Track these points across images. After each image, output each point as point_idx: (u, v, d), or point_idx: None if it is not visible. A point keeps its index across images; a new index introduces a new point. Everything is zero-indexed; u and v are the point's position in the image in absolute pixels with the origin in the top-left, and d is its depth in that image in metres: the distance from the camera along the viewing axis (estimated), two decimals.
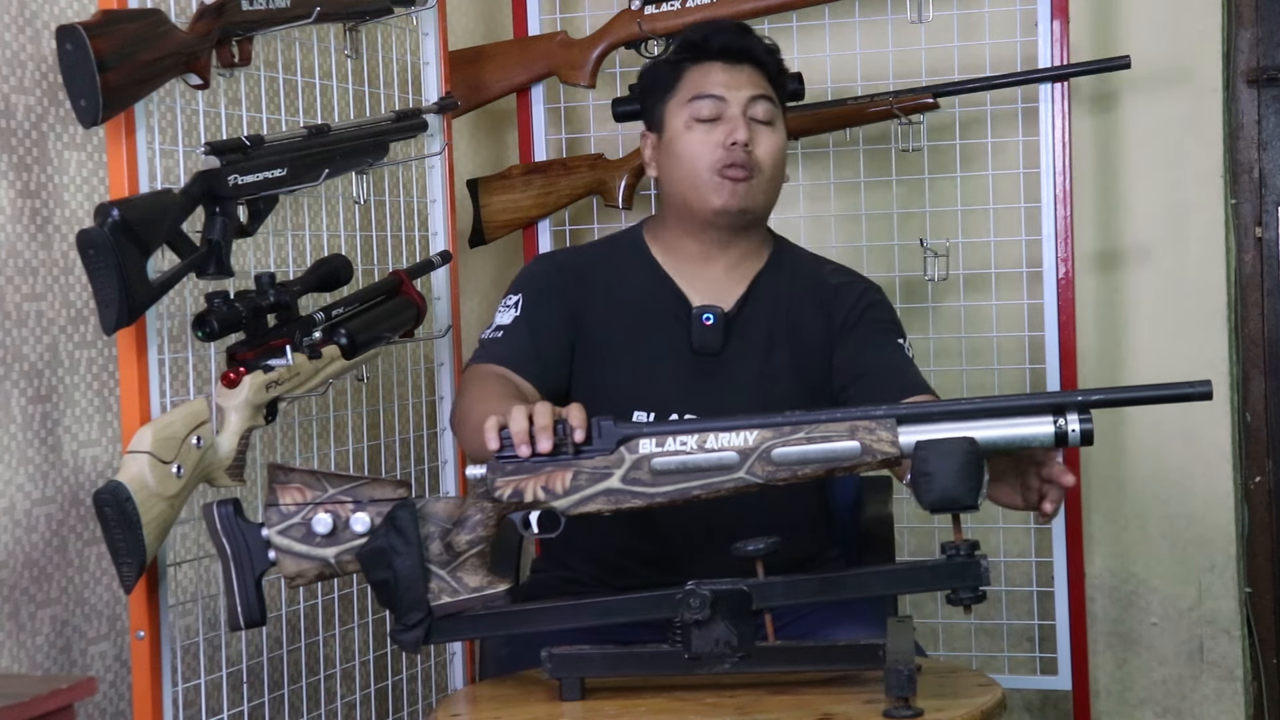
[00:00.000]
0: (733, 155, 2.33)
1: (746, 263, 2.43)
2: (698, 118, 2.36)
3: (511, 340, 2.34)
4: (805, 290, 2.43)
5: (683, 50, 2.43)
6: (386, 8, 2.52)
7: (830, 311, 2.41)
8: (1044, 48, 2.98)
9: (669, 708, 1.88)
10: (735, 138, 2.33)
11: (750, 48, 2.41)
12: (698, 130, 2.36)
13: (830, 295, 2.42)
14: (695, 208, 2.37)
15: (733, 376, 2.35)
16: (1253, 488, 3.34)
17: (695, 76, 2.39)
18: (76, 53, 1.94)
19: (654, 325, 2.36)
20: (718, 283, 2.40)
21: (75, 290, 2.27)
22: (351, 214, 2.77)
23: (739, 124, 2.34)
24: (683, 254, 2.41)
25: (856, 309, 2.41)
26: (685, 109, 2.37)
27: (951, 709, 1.82)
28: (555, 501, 1.91)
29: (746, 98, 2.36)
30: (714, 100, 2.36)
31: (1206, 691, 3.29)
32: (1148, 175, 3.28)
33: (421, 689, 2.78)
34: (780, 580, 1.93)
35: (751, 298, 2.40)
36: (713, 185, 2.34)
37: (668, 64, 2.44)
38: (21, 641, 2.17)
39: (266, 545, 1.96)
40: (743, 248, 2.42)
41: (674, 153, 2.38)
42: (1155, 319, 3.28)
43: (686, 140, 2.36)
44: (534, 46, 3.17)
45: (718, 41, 2.40)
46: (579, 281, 2.39)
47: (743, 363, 2.36)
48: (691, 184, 2.36)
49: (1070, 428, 1.84)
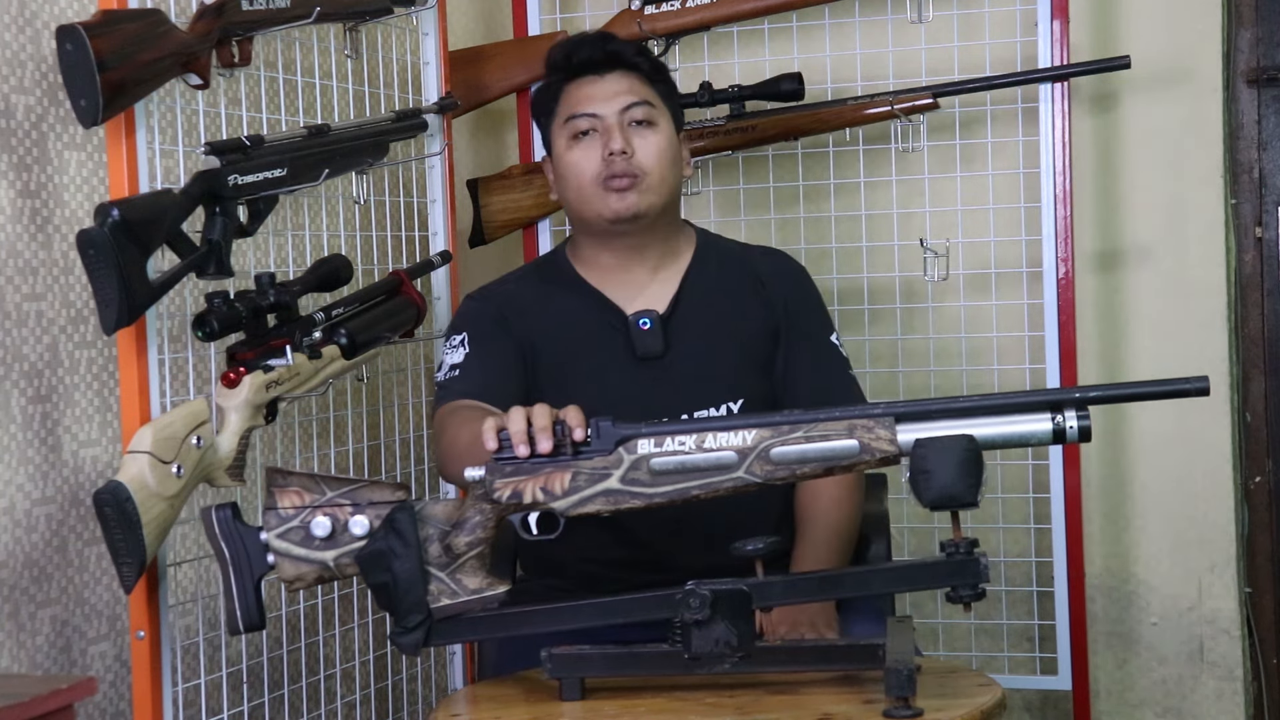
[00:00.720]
0: (612, 166, 2.35)
1: (671, 262, 2.45)
2: (575, 134, 2.39)
3: (469, 375, 2.34)
4: (737, 280, 2.46)
5: (552, 71, 2.46)
6: (386, 8, 2.52)
7: (766, 299, 2.44)
8: (1044, 48, 2.98)
9: (669, 708, 1.88)
10: (611, 147, 2.35)
11: (616, 53, 2.43)
12: (577, 148, 2.39)
13: (762, 281, 2.46)
14: (592, 221, 2.40)
15: (680, 375, 2.37)
16: (1253, 488, 3.34)
17: (568, 95, 2.42)
18: (76, 53, 1.94)
19: (595, 340, 2.37)
20: (646, 287, 2.43)
21: (75, 290, 2.27)
22: (351, 214, 2.77)
23: (614, 133, 2.36)
24: (603, 266, 2.43)
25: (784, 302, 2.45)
26: (564, 129, 2.41)
27: (951, 709, 1.82)
28: (554, 503, 1.91)
29: (620, 106, 2.38)
30: (587, 116, 2.38)
31: (1206, 691, 3.29)
32: (1148, 175, 3.27)
33: (421, 689, 2.78)
34: (780, 580, 1.93)
35: (684, 296, 2.42)
36: (599, 197, 2.37)
37: (545, 87, 2.47)
38: (21, 641, 2.17)
39: (265, 549, 1.95)
40: (659, 249, 2.44)
41: (561, 173, 2.42)
42: (1155, 319, 3.28)
43: (569, 160, 2.39)
44: (534, 46, 3.17)
45: (580, 56, 2.42)
46: (518, 312, 2.40)
47: (687, 361, 2.38)
48: (581, 199, 2.39)
49: (1068, 424, 1.84)
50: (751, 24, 3.17)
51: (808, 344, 2.44)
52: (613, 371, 2.37)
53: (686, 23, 3.03)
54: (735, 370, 2.39)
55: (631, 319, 2.38)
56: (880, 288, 3.22)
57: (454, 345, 2.39)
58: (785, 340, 2.43)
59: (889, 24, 3.15)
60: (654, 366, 2.37)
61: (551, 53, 2.47)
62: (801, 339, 2.44)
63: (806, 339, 2.44)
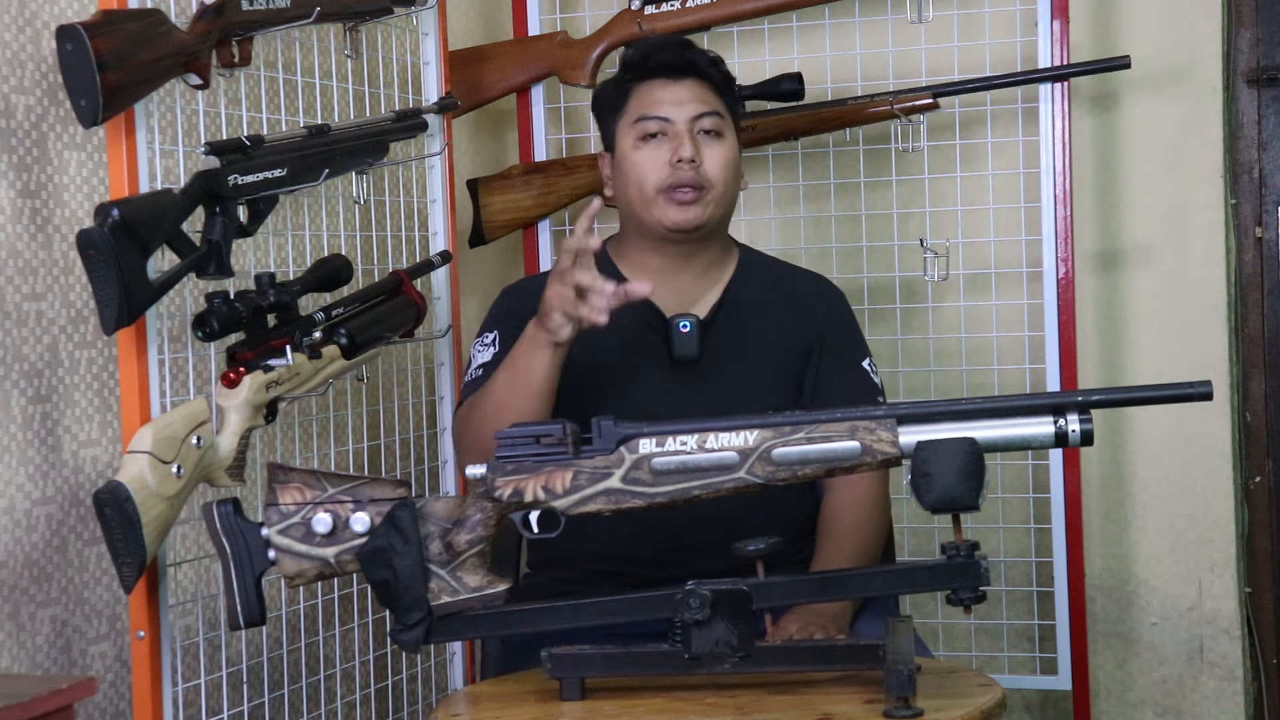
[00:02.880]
0: (679, 174, 2.35)
1: (715, 271, 2.46)
2: (644, 136, 2.39)
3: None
4: (776, 296, 2.47)
5: (627, 70, 2.46)
6: (386, 8, 2.52)
7: (802, 317, 2.46)
8: (1044, 48, 2.98)
9: (669, 708, 1.88)
10: (681, 154, 2.35)
11: (692, 61, 2.43)
12: (645, 149, 2.39)
13: (801, 302, 2.48)
14: (648, 224, 2.40)
15: (713, 382, 2.38)
16: (1253, 488, 3.34)
17: (640, 95, 2.41)
18: (76, 53, 1.93)
19: (631, 340, 2.37)
20: (688, 292, 2.43)
21: (75, 290, 2.27)
22: (351, 214, 2.77)
23: (684, 140, 2.36)
24: (649, 268, 2.42)
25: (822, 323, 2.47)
26: (632, 129, 2.40)
27: (951, 709, 1.82)
28: (555, 501, 1.92)
29: (691, 113, 2.38)
30: (659, 119, 2.38)
31: (1206, 691, 3.29)
32: (1148, 175, 3.27)
33: (421, 689, 2.78)
34: (780, 580, 1.94)
35: (725, 304, 2.44)
36: (660, 204, 2.37)
37: (615, 84, 2.47)
38: (21, 641, 2.16)
39: (266, 545, 1.96)
40: (707, 257, 2.45)
41: (624, 173, 2.41)
42: (1155, 319, 3.28)
43: (634, 160, 2.39)
44: (534, 46, 3.17)
45: (658, 59, 2.42)
46: None
47: (721, 367, 2.39)
48: (642, 203, 2.39)
49: (1070, 428, 1.85)
50: (751, 24, 3.17)
51: (839, 367, 2.45)
52: (647, 373, 2.38)
53: (686, 23, 3.03)
54: (768, 382, 2.41)
55: (672, 320, 2.39)
56: (880, 288, 3.22)
57: (485, 344, 2.40)
58: (817, 360, 2.45)
59: (889, 24, 3.15)
60: (689, 371, 2.39)
61: (627, 51, 2.47)
62: (833, 361, 2.45)
63: (838, 361, 2.45)
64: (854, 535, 2.38)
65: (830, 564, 2.35)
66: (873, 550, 2.40)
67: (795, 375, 2.44)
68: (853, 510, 2.39)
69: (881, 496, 2.43)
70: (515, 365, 2.22)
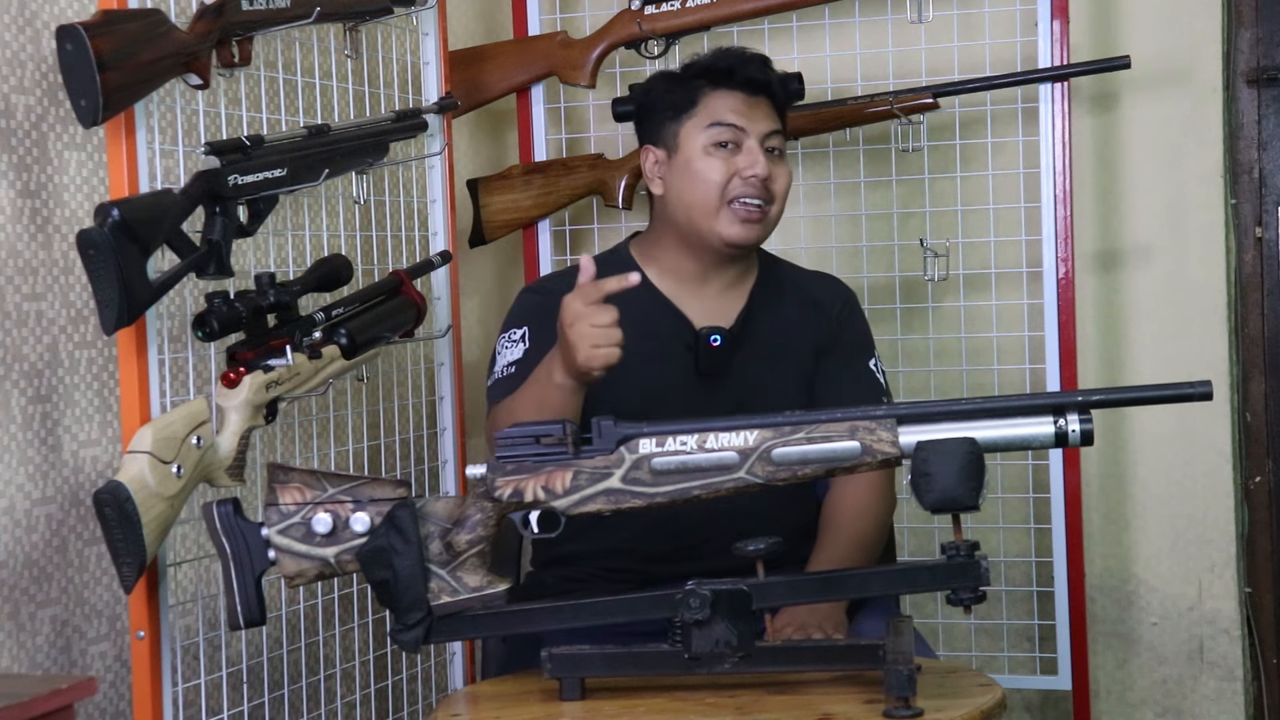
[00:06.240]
0: (750, 187, 2.35)
1: (741, 280, 2.46)
2: (717, 143, 2.37)
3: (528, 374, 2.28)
4: (796, 301, 2.48)
5: (703, 74, 2.43)
6: (386, 8, 2.52)
7: (818, 320, 2.46)
8: (1044, 48, 2.98)
9: (669, 708, 1.88)
10: (756, 171, 2.35)
11: (769, 81, 2.43)
12: (716, 155, 2.37)
13: (818, 305, 2.48)
14: (703, 233, 2.38)
15: (737, 390, 2.38)
16: (1253, 488, 3.34)
17: (715, 102, 2.39)
18: (76, 53, 1.93)
19: (658, 349, 2.36)
20: (714, 301, 2.43)
21: (75, 290, 2.27)
22: (351, 214, 2.77)
23: (758, 156, 2.36)
24: (680, 274, 2.42)
25: (835, 323, 2.48)
26: (704, 133, 2.38)
27: (951, 709, 1.82)
28: (555, 501, 1.92)
29: (764, 131, 2.39)
30: (734, 129, 2.37)
31: (1206, 691, 3.29)
32: (1148, 175, 3.27)
33: (421, 689, 2.78)
34: (780, 580, 1.94)
35: (751, 314, 2.43)
36: (726, 216, 2.36)
37: (682, 83, 2.44)
38: (21, 641, 2.17)
39: (266, 545, 1.96)
40: (740, 267, 2.45)
41: (689, 175, 2.38)
42: (1155, 319, 3.28)
43: (704, 165, 2.37)
44: (534, 46, 3.17)
45: (744, 73, 2.41)
46: None
47: (748, 379, 2.39)
48: (704, 210, 2.37)
49: (1070, 428, 1.85)
50: (751, 24, 3.16)
51: (845, 365, 2.46)
52: (672, 382, 2.37)
53: (686, 23, 3.03)
54: (792, 390, 2.41)
55: (702, 333, 2.38)
56: (880, 288, 3.22)
57: (513, 340, 2.37)
58: (826, 358, 2.45)
59: (889, 24, 3.15)
60: (714, 382, 2.38)
61: (707, 59, 2.45)
62: (840, 360, 2.46)
63: (845, 361, 2.46)
64: (854, 524, 2.38)
65: (828, 552, 2.34)
66: (872, 541, 2.40)
67: (811, 379, 2.45)
68: (854, 500, 2.39)
69: (885, 489, 2.42)
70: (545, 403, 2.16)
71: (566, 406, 2.15)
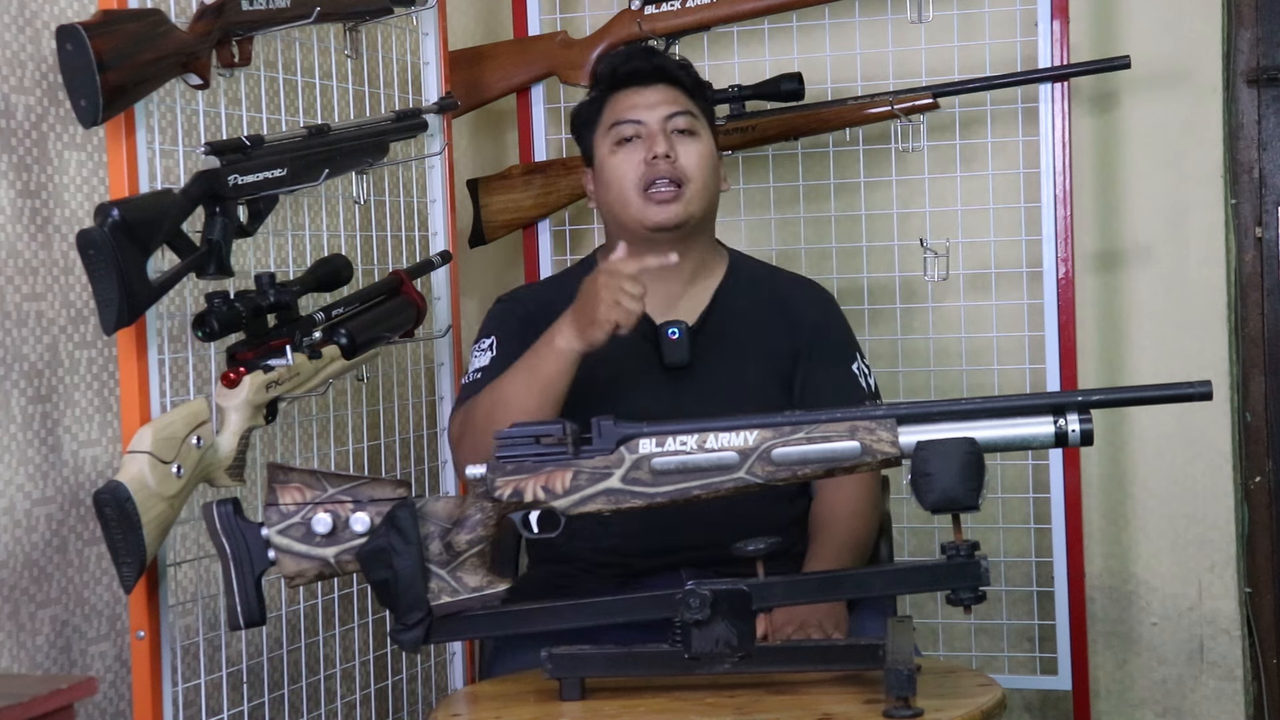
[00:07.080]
0: (656, 169, 2.39)
1: (704, 278, 2.48)
2: (619, 141, 2.44)
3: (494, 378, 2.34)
4: (765, 300, 2.49)
5: (598, 84, 2.52)
6: (386, 8, 2.52)
7: (790, 320, 2.48)
8: (1044, 48, 2.98)
9: (669, 708, 1.88)
10: (655, 150, 2.40)
11: (660, 66, 2.49)
12: (620, 153, 2.43)
13: (789, 306, 2.50)
14: (630, 226, 2.42)
15: (704, 387, 2.40)
16: (1253, 488, 3.34)
17: (613, 105, 2.47)
18: (76, 53, 1.93)
19: (622, 347, 2.37)
20: (679, 300, 2.46)
21: (75, 290, 2.27)
22: (351, 214, 2.77)
23: (658, 138, 2.41)
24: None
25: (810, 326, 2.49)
26: (608, 136, 2.46)
27: (951, 709, 1.82)
28: (555, 501, 1.92)
29: (665, 114, 2.44)
30: (632, 123, 2.43)
31: (1206, 691, 3.29)
32: (1148, 175, 3.27)
33: (421, 689, 2.78)
34: (780, 580, 1.94)
35: (714, 311, 2.46)
36: (640, 205, 2.41)
37: (590, 101, 2.52)
38: (21, 641, 2.17)
39: (266, 545, 1.96)
40: (694, 262, 2.47)
41: (605, 179, 2.45)
42: (1155, 319, 3.28)
43: (612, 164, 2.44)
44: (534, 46, 3.17)
45: (627, 68, 2.48)
46: (546, 317, 2.40)
47: (712, 373, 2.41)
48: (622, 205, 2.42)
49: (1070, 428, 1.85)
50: (751, 24, 3.17)
51: (827, 370, 2.47)
52: (639, 379, 2.39)
53: (686, 23, 3.03)
54: (759, 385, 2.42)
55: (661, 327, 2.41)
56: (880, 288, 3.22)
57: (482, 349, 2.43)
58: (805, 363, 2.46)
59: (889, 24, 3.15)
60: (680, 377, 2.41)
61: (596, 67, 2.54)
62: (822, 365, 2.47)
63: (827, 365, 2.47)
64: (847, 527, 2.38)
65: (824, 558, 2.35)
66: (865, 544, 2.41)
67: (784, 378, 2.46)
68: (845, 504, 2.40)
69: (874, 491, 2.43)
70: (535, 370, 2.23)
71: (556, 378, 2.21)
